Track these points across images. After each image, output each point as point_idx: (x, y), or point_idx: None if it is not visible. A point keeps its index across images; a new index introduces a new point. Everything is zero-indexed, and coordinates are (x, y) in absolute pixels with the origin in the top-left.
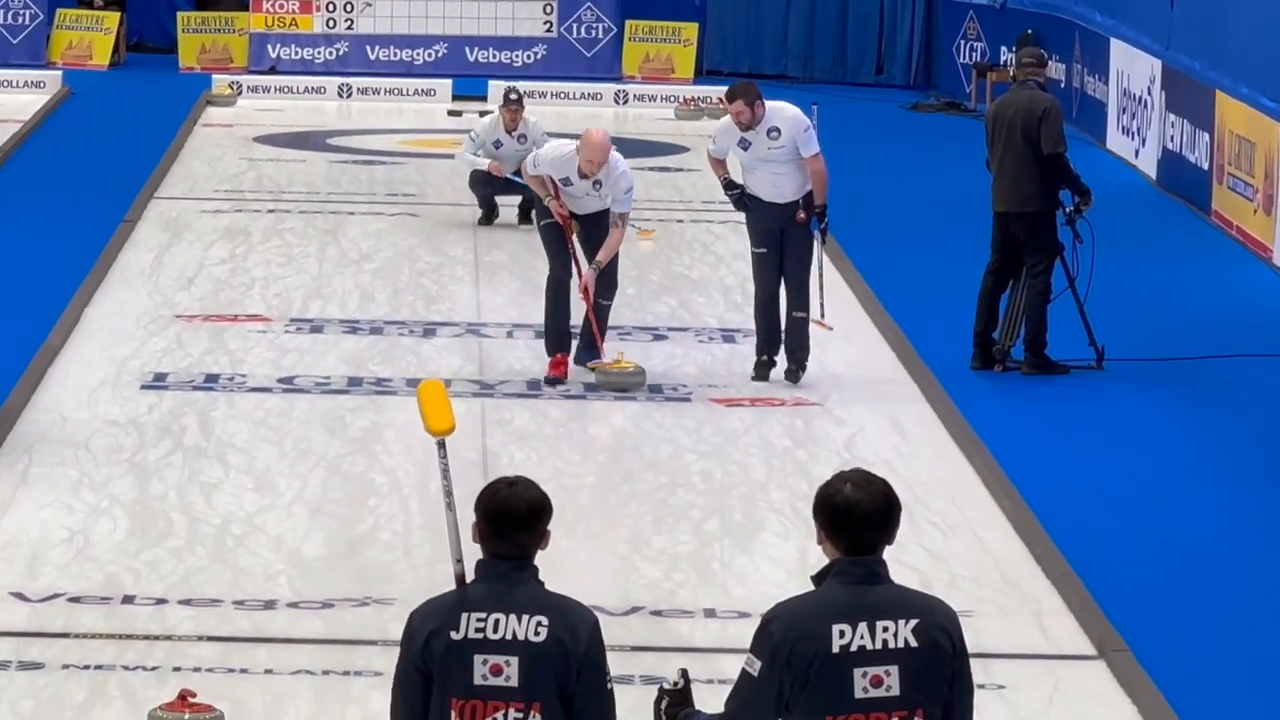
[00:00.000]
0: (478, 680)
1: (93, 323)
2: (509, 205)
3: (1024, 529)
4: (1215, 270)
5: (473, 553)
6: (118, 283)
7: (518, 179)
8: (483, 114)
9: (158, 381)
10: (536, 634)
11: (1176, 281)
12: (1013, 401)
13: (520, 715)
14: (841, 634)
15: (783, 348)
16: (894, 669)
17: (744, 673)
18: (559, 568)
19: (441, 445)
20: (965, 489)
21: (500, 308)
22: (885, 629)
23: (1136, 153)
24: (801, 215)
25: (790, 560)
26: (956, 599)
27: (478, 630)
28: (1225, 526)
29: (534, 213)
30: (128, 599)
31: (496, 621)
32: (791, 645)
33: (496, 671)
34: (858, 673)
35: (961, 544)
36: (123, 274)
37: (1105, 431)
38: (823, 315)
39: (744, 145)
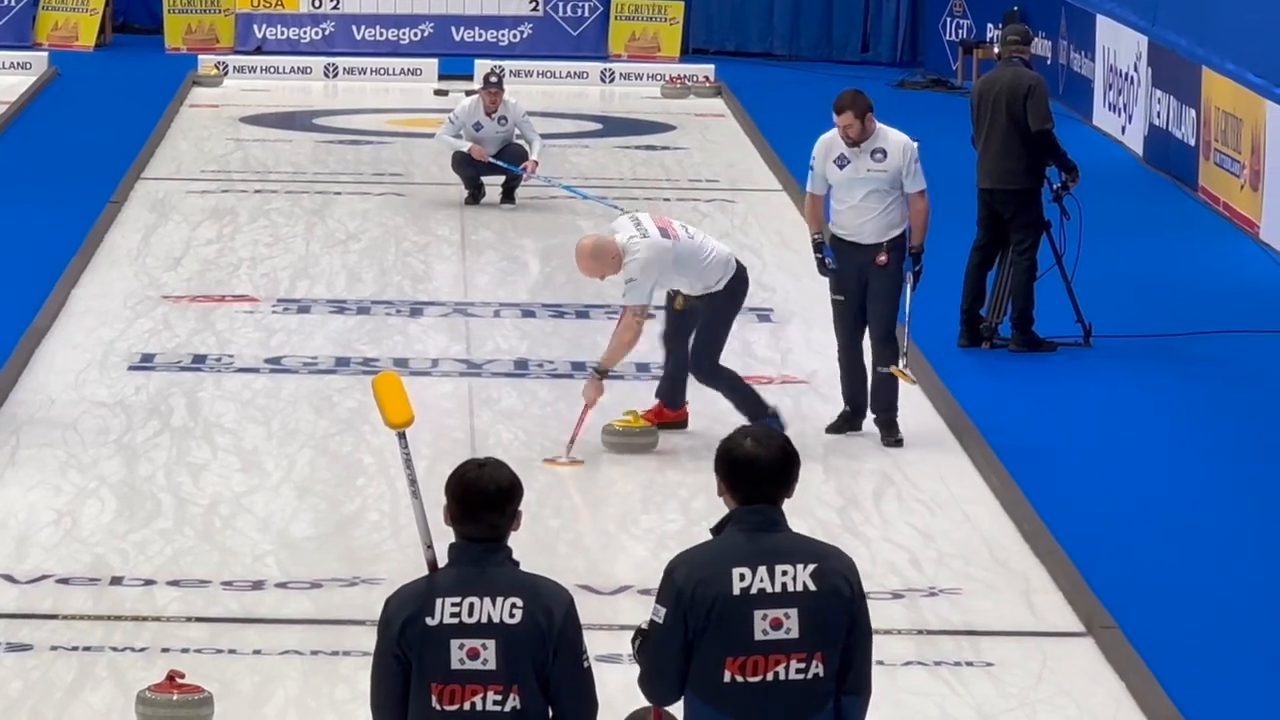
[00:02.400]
0: (455, 664)
1: (80, 304)
2: (495, 185)
3: (1012, 506)
4: (1202, 246)
5: (444, 538)
6: (105, 264)
7: (499, 161)
8: (469, 93)
9: (145, 362)
10: (511, 616)
11: (1163, 258)
12: (1000, 379)
13: (499, 697)
14: (741, 577)
15: (869, 405)
16: (793, 612)
17: (651, 621)
18: (547, 547)
19: (402, 437)
20: (953, 466)
21: (487, 287)
22: (784, 572)
23: (1123, 129)
24: (883, 258)
25: None
26: (945, 577)
27: (453, 615)
28: (1213, 502)
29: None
30: (116, 580)
31: (471, 605)
32: (693, 590)
33: (473, 655)
34: (757, 615)
35: (949, 521)
36: (110, 255)
37: (1093, 408)
38: (905, 365)
39: (841, 162)
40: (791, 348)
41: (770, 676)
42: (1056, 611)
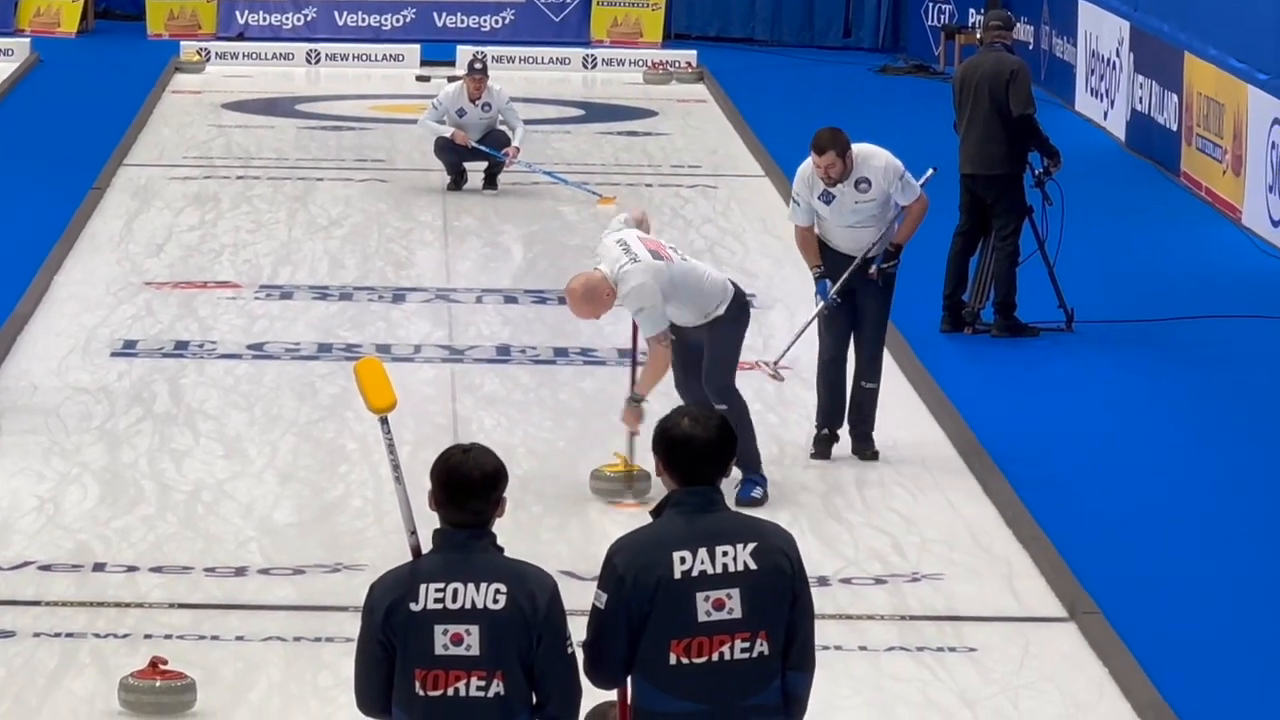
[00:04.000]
0: (439, 650)
1: (62, 290)
2: (477, 171)
3: (994, 491)
4: (1184, 231)
5: (428, 524)
6: (87, 250)
7: (482, 147)
8: (451, 79)
9: (127, 349)
10: (495, 601)
11: (1145, 243)
12: (982, 364)
13: (482, 683)
14: (682, 560)
15: (845, 421)
16: (735, 592)
17: (594, 607)
18: (530, 532)
19: (384, 422)
20: (935, 452)
21: (469, 273)
22: (725, 553)
23: (1105, 114)
24: (872, 271)
25: None
26: (927, 562)
27: (437, 601)
28: (1195, 487)
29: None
30: (98, 567)
31: (455, 591)
32: (635, 575)
33: (457, 641)
34: (700, 597)
35: (932, 507)
36: (92, 241)
37: (1075, 393)
38: (777, 364)
39: (826, 198)
40: (774, 333)
41: (716, 657)
42: (1039, 597)
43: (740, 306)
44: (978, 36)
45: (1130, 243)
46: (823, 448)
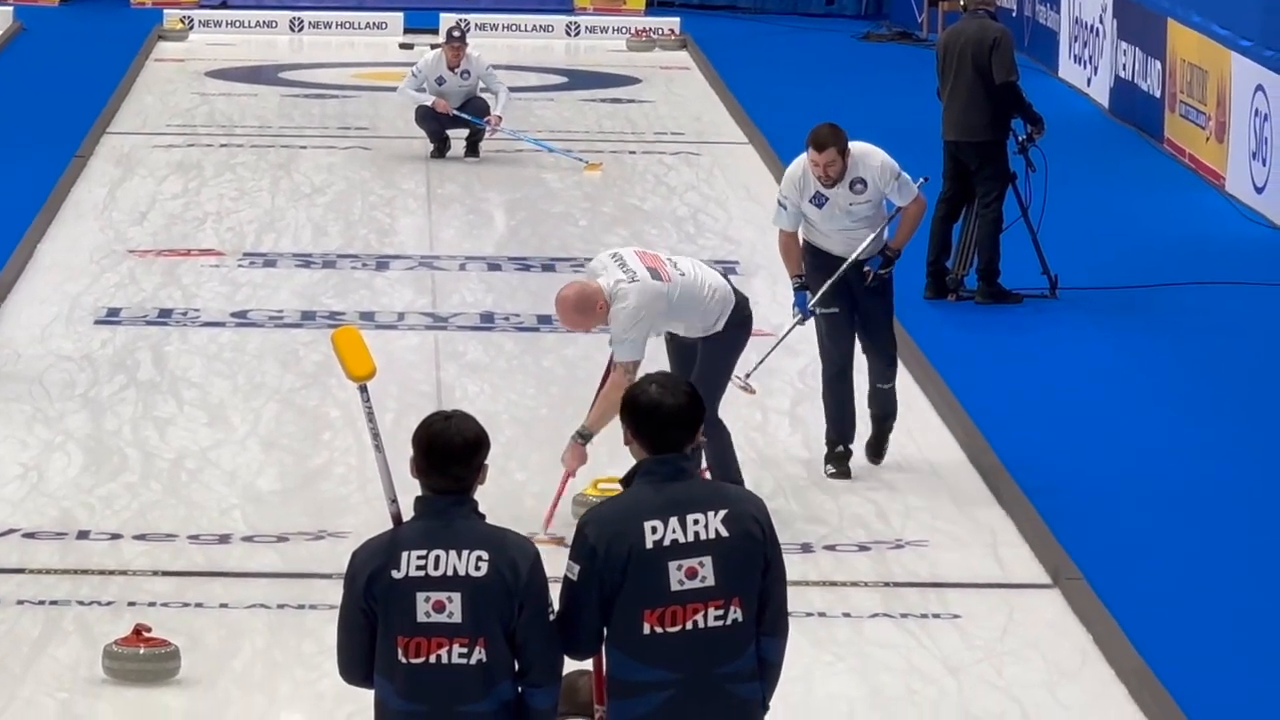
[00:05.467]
0: (421, 618)
1: (46, 258)
2: (460, 138)
3: (978, 458)
4: (1167, 198)
5: (411, 491)
6: (71, 218)
7: (464, 114)
8: (434, 47)
9: (111, 317)
10: (477, 569)
11: (1129, 210)
12: (966, 331)
13: (465, 650)
14: (653, 530)
15: (870, 416)
16: (707, 560)
17: (565, 579)
18: (514, 499)
19: (364, 390)
20: (919, 419)
21: (453, 240)
22: (696, 521)
23: (1089, 81)
24: (868, 274)
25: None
26: (911, 529)
27: (419, 568)
28: (1178, 453)
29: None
30: (82, 534)
31: (437, 558)
32: (606, 546)
33: (439, 608)
34: (672, 566)
35: (915, 474)
36: (76, 209)
37: (1059, 360)
38: (750, 377)
39: (819, 201)
40: (757, 300)
41: (689, 625)
42: (1023, 563)
43: (738, 324)
44: (961, 3)
45: (1113, 209)
46: (841, 465)
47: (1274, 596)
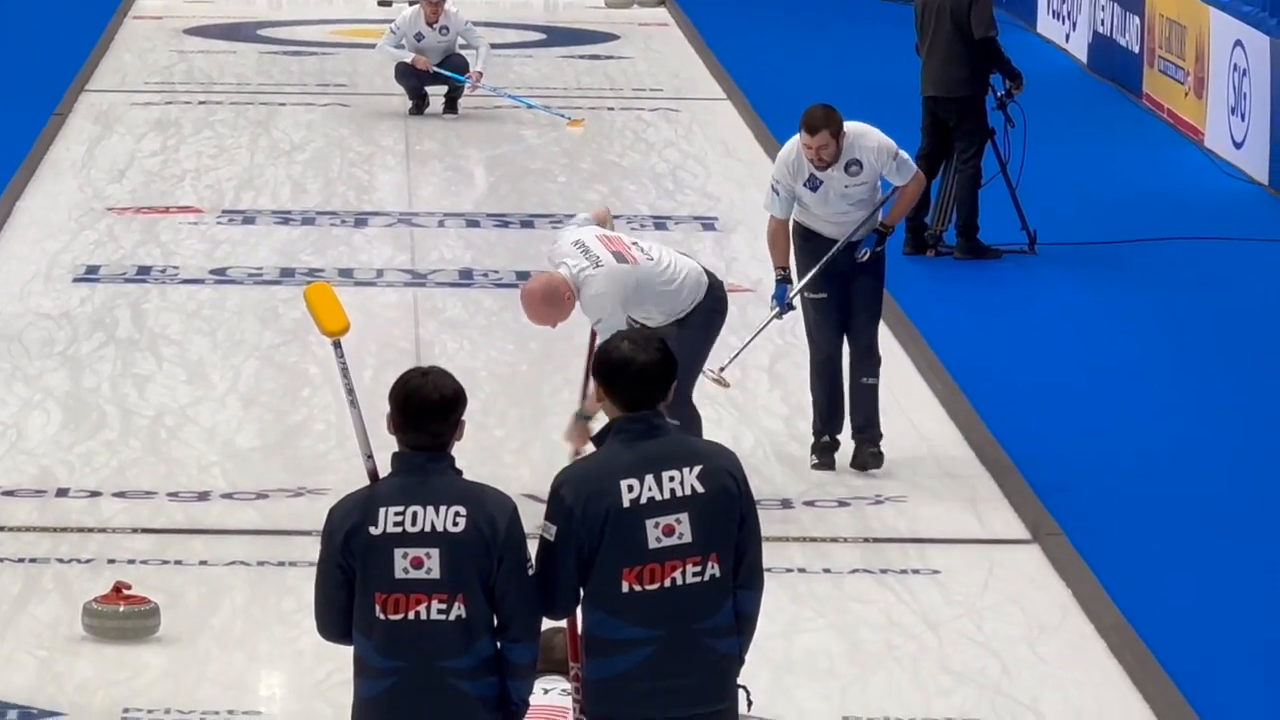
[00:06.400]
0: (399, 574)
1: (24, 216)
2: (439, 95)
3: (958, 414)
4: (1146, 153)
5: (389, 448)
6: (49, 176)
7: (443, 70)
8: (412, 3)
9: (90, 274)
10: (455, 524)
11: (1108, 165)
12: (945, 286)
13: (443, 606)
14: (630, 488)
15: (848, 422)
16: (684, 516)
17: (542, 539)
18: (493, 456)
19: (337, 345)
20: (899, 375)
21: (432, 197)
22: (671, 478)
23: (1067, 37)
24: (863, 255)
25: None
26: (891, 486)
27: (396, 524)
28: (1158, 409)
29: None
30: (61, 492)
31: (414, 514)
32: (583, 506)
33: (417, 564)
34: (649, 524)
35: (896, 430)
36: (54, 167)
37: (1038, 315)
38: (724, 370)
39: (813, 184)
40: (736, 256)
41: (668, 583)
42: (1002, 519)
43: (712, 307)
44: None
45: (1092, 165)
46: (826, 457)
47: (1254, 551)
